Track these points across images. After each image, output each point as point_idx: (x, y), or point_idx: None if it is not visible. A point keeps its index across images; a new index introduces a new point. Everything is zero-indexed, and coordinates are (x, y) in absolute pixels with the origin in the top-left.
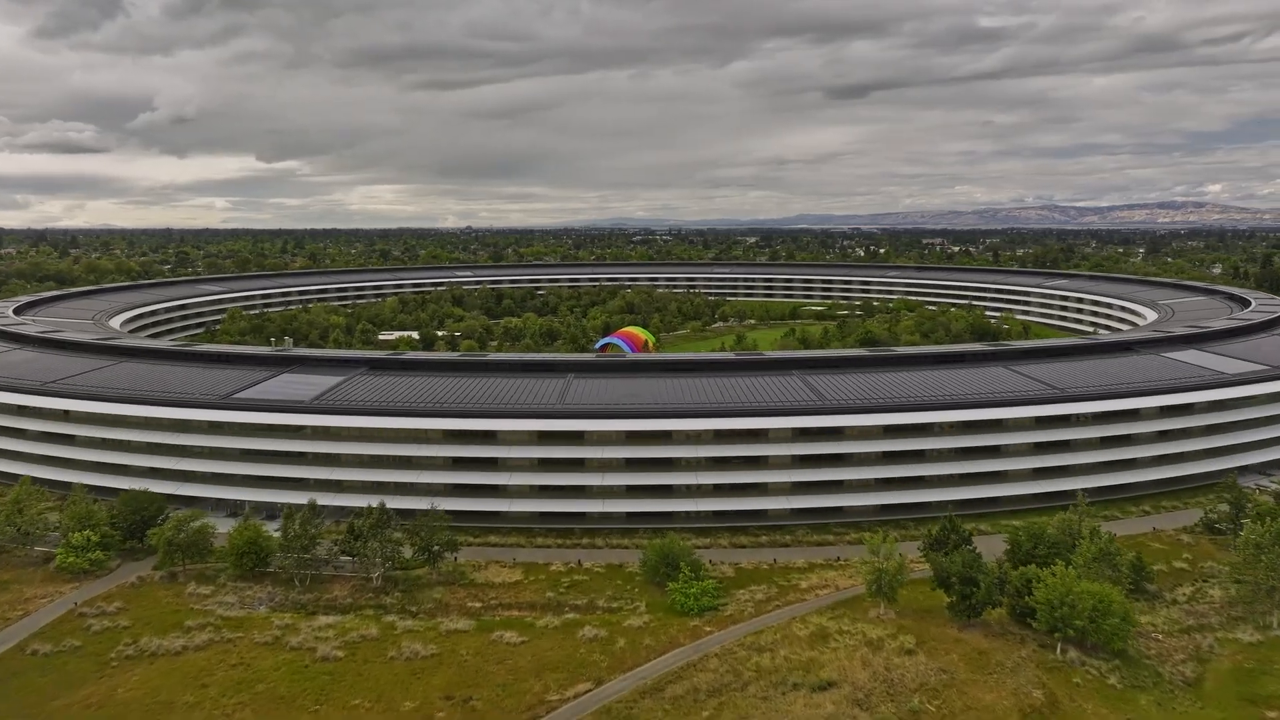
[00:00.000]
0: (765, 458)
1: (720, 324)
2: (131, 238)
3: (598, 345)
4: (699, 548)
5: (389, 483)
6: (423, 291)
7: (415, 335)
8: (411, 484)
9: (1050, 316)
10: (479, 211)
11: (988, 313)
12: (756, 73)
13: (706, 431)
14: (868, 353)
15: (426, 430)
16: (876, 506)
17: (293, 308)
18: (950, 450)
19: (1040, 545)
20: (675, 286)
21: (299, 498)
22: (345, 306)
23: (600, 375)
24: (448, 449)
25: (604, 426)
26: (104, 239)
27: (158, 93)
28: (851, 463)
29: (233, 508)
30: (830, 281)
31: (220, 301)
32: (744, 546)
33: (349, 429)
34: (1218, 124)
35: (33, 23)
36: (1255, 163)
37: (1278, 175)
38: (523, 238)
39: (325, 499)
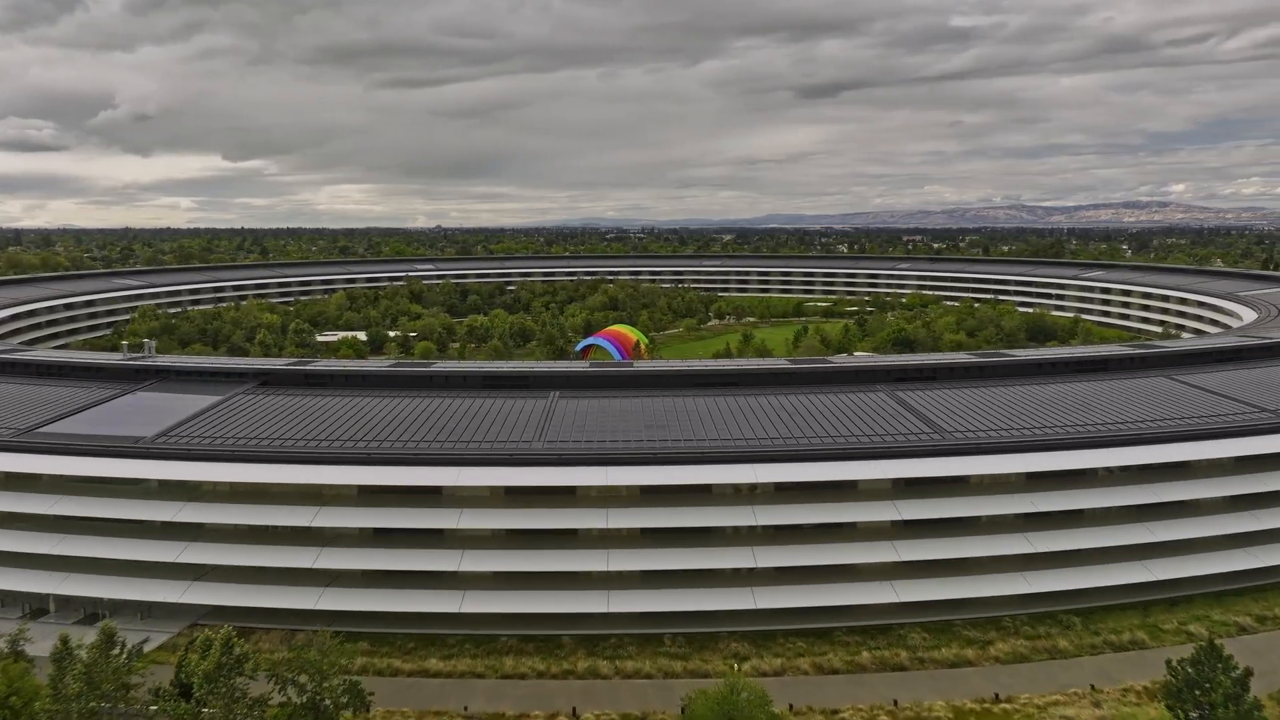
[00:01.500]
0: (854, 525)
1: (717, 322)
2: (82, 236)
3: (579, 348)
4: (767, 674)
5: (273, 569)
6: (377, 287)
7: (363, 336)
8: (307, 571)
9: (1092, 312)
10: (449, 212)
11: (1017, 309)
12: (727, 72)
13: (765, 485)
14: (974, 359)
15: (332, 486)
16: (1019, 597)
17: (226, 305)
18: (1120, 508)
19: None
20: (660, 281)
21: (136, 590)
22: (288, 304)
23: (597, 393)
24: (366, 515)
25: (609, 478)
26: (48, 237)
27: (119, 90)
28: (980, 528)
29: (35, 604)
30: (833, 275)
31: (138, 297)
32: (837, 671)
33: (208, 484)
34: (1181, 125)
35: None
36: (1217, 163)
37: (1239, 175)
38: (492, 237)
39: (175, 592)
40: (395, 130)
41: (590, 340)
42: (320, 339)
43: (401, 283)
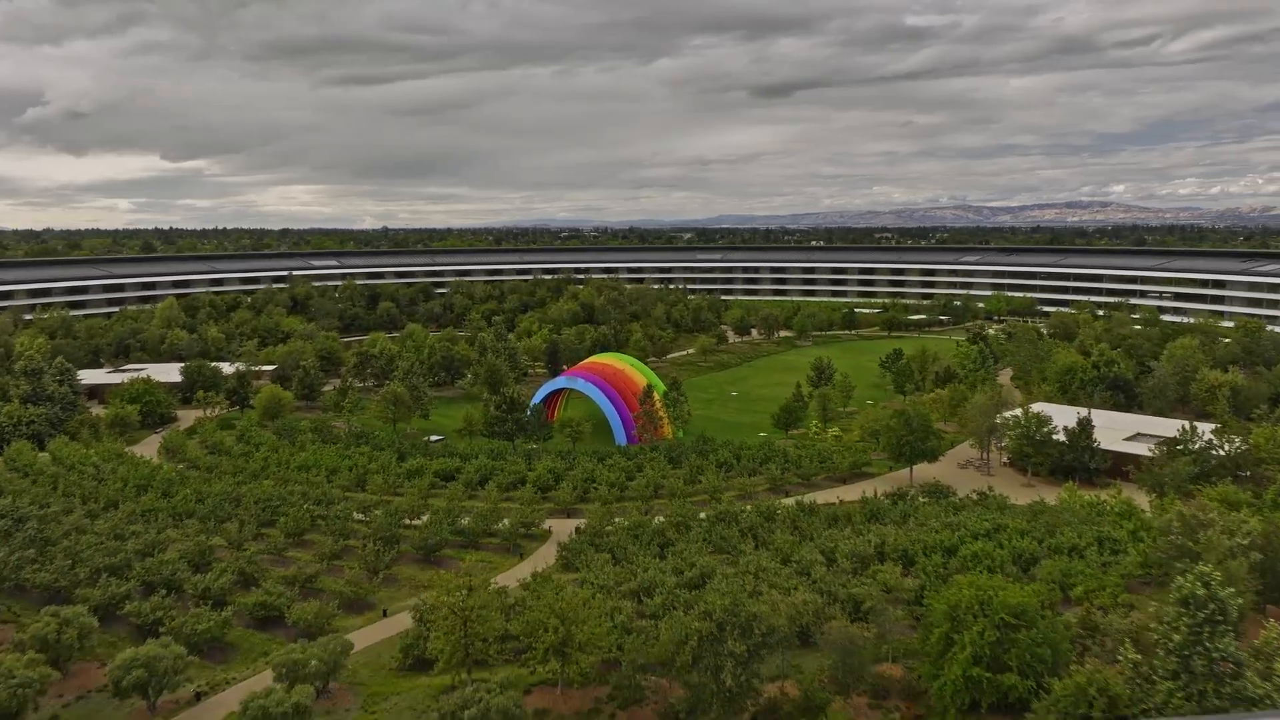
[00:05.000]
0: None
1: (737, 338)
2: None
3: (540, 396)
4: None
5: None
6: (251, 289)
7: (171, 375)
8: None
9: None
10: (399, 213)
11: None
12: (682, 70)
13: None
14: None
15: None
16: None
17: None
18: None
19: None
20: (643, 281)
21: None
22: (108, 314)
23: None
24: None
25: None
26: None
27: (49, 85)
28: None
29: None
30: (872, 270)
31: None
32: None
33: None
34: (1126, 125)
35: None
36: (1158, 164)
37: (1177, 176)
38: (437, 236)
39: None
40: (345, 129)
41: (562, 382)
42: (91, 381)
43: (283, 286)
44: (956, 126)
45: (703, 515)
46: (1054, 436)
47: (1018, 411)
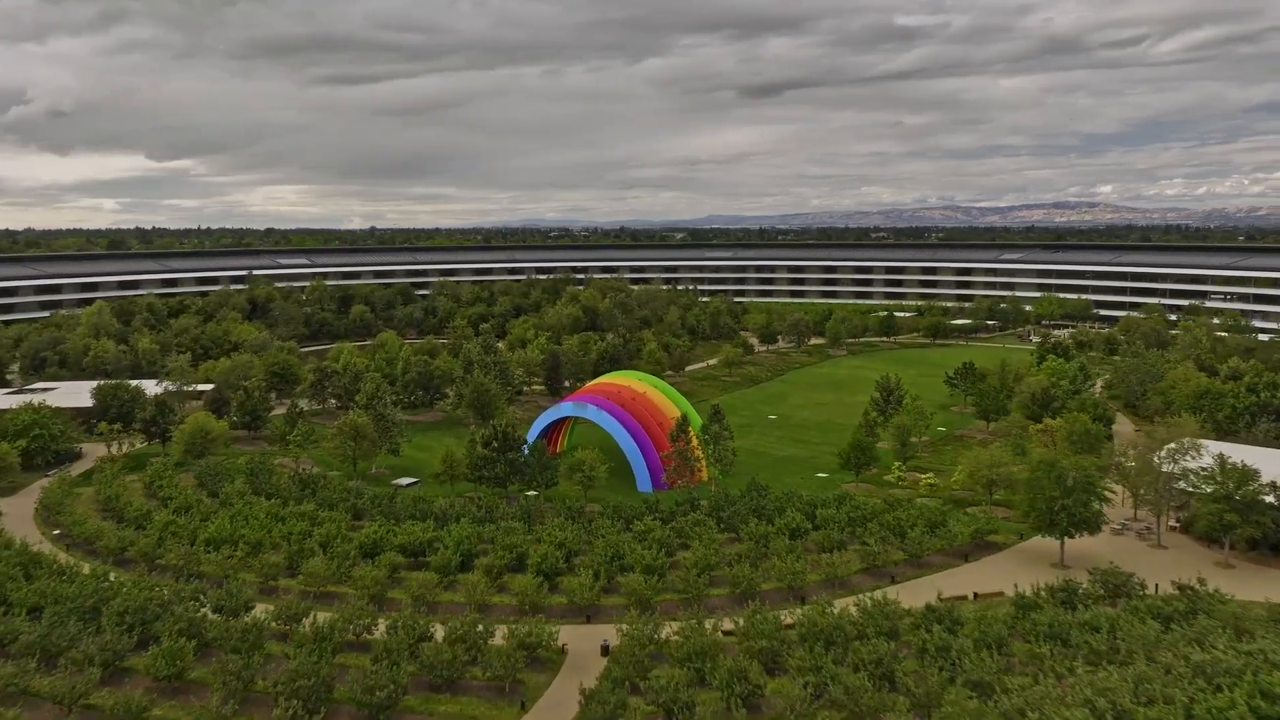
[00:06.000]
0: None
1: (763, 347)
2: None
3: (539, 428)
4: None
5: None
6: (209, 291)
7: (82, 398)
8: None
9: None
10: (386, 213)
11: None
12: (671, 70)
13: None
14: None
15: None
16: None
17: None
18: None
19: None
20: (648, 281)
21: None
22: (13, 321)
23: None
24: None
25: None
26: None
27: (31, 84)
28: None
29: None
30: (901, 270)
31: None
32: None
33: None
34: (1113, 126)
35: None
36: (1144, 165)
37: (1163, 177)
38: (425, 235)
39: None
40: (332, 129)
41: (568, 409)
42: None
43: (242, 286)
44: (946, 127)
45: (788, 623)
46: (1263, 496)
47: (1205, 459)
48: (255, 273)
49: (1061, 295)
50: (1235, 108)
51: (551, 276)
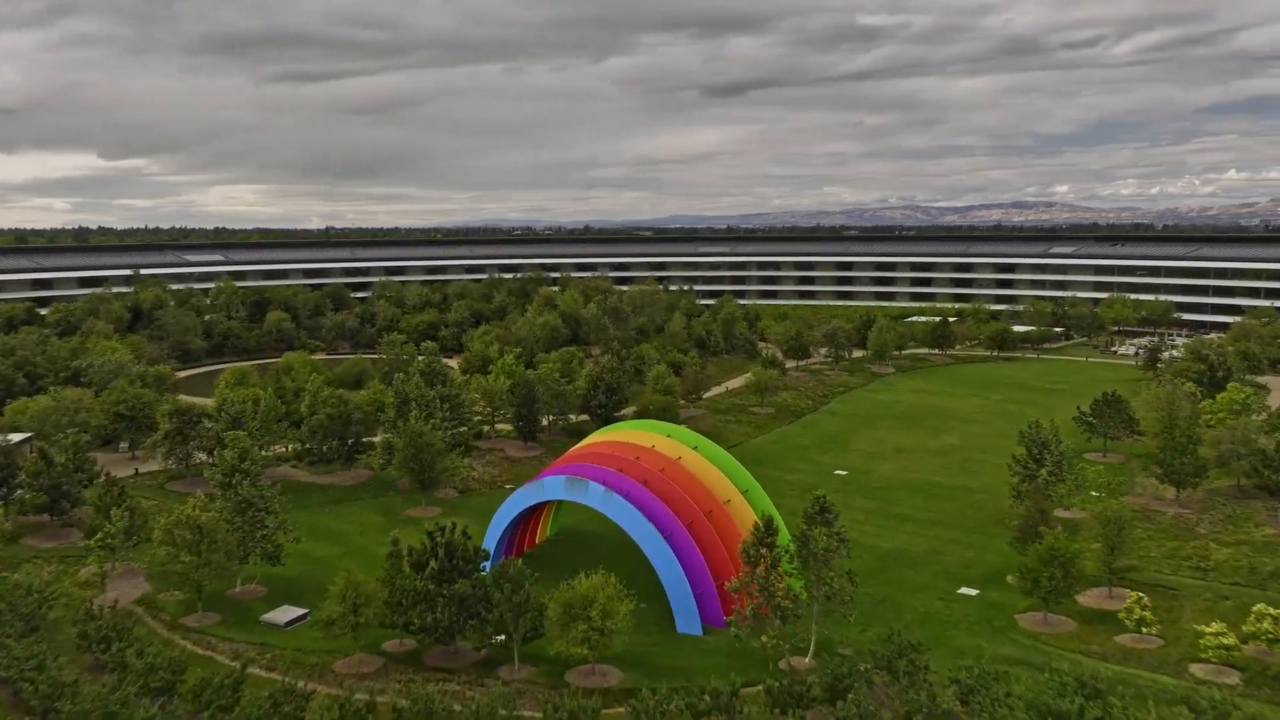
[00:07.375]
0: None
1: (790, 363)
2: None
3: (505, 517)
4: None
5: None
6: (91, 294)
7: None
8: None
9: None
10: (345, 213)
11: None
12: (634, 69)
13: None
14: None
15: None
16: None
17: None
18: None
19: None
20: (628, 281)
21: None
22: None
23: None
24: None
25: None
26: None
27: None
28: None
29: None
30: (929, 266)
31: None
32: None
33: None
34: (1068, 127)
35: None
36: (1098, 165)
37: (1118, 177)
38: (382, 235)
39: None
40: (290, 127)
41: (555, 488)
42: None
43: (123, 288)
44: (904, 127)
45: None
46: None
47: None
48: (144, 272)
49: (1130, 294)
50: (1185, 109)
51: (519, 276)
